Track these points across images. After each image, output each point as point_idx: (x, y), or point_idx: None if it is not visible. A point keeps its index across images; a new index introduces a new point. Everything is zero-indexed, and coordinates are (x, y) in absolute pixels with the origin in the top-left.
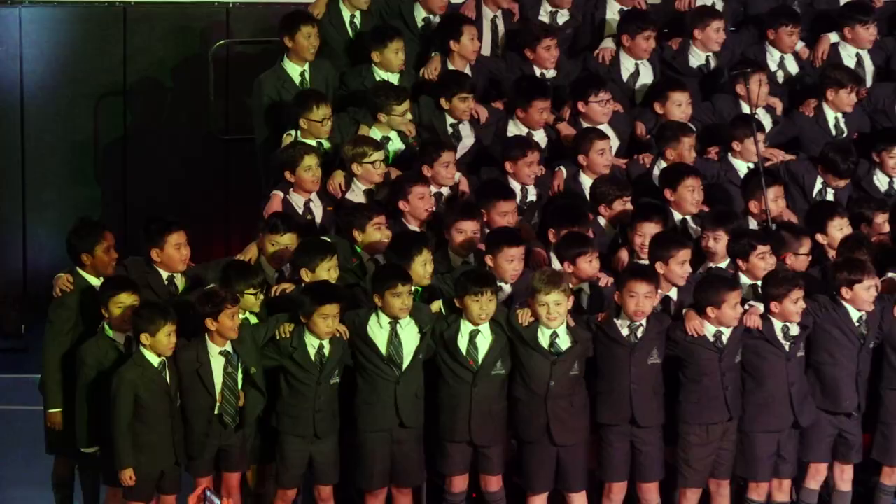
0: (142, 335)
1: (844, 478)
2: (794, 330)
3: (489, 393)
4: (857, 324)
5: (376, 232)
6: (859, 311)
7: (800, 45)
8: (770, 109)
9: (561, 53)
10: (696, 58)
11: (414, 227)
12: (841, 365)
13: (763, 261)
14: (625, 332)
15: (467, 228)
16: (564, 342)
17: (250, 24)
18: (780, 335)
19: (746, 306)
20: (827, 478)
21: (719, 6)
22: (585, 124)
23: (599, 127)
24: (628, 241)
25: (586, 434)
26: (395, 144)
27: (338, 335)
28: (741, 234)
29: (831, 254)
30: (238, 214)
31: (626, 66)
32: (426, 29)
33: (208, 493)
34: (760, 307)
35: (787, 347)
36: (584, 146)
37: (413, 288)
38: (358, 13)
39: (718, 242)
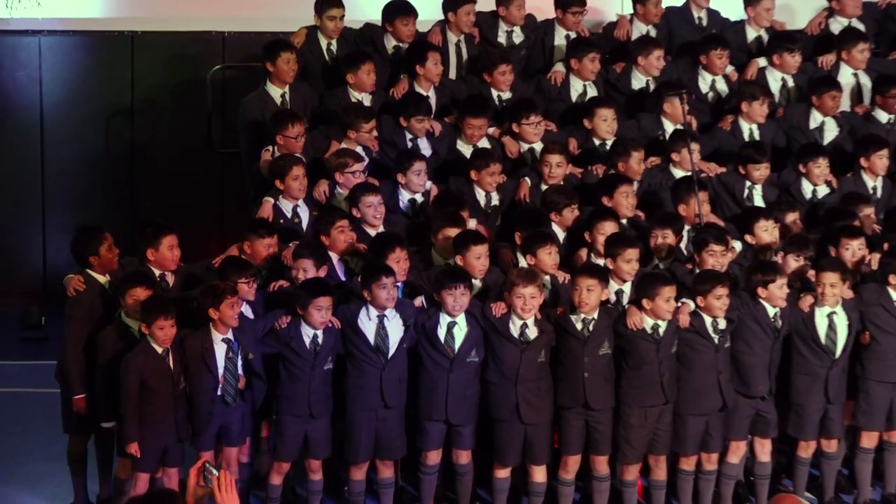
0: (142, 325)
1: (765, 451)
2: (723, 324)
3: (464, 378)
4: (772, 318)
5: (340, 235)
6: (774, 307)
7: (730, 69)
8: (686, 125)
9: (515, 76)
10: (638, 81)
11: (371, 231)
12: (757, 354)
13: (712, 257)
14: (578, 325)
15: (451, 234)
16: (532, 332)
17: (242, 50)
18: (710, 329)
19: (679, 303)
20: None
21: (653, 33)
22: (521, 142)
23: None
24: (586, 241)
25: (550, 414)
26: (364, 159)
27: (330, 325)
28: (703, 230)
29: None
30: (231, 218)
31: (576, 87)
32: (396, 56)
33: (207, 465)
34: (692, 304)
35: (716, 340)
36: (547, 163)
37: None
38: (334, 41)
39: (666, 240)
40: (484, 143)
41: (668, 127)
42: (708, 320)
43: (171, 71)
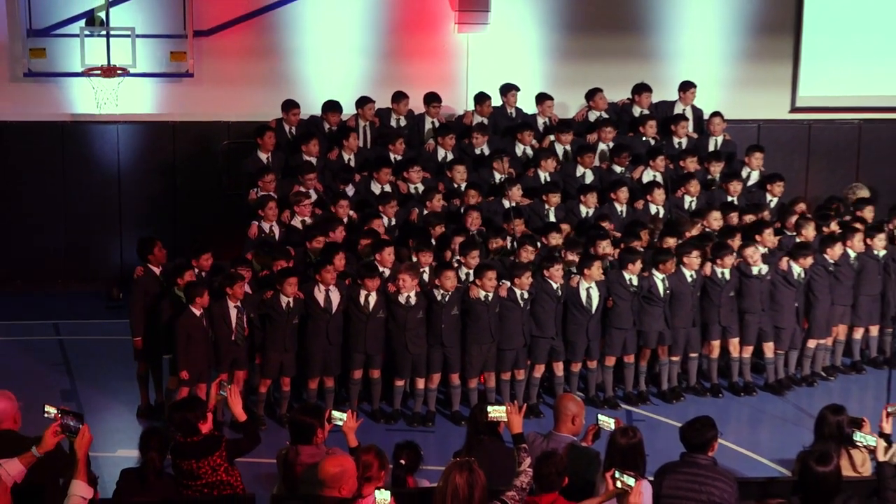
0: (196, 299)
1: (559, 370)
2: (526, 295)
3: (375, 326)
4: (555, 290)
5: (317, 244)
6: (556, 283)
7: (534, 142)
8: (510, 175)
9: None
10: (478, 149)
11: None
12: (547, 313)
13: (525, 252)
14: (439, 297)
15: (368, 241)
16: (413, 300)
17: (240, 132)
18: (519, 298)
19: (501, 283)
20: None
21: (485, 121)
22: (409, 184)
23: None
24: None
25: (426, 348)
26: (312, 197)
27: (298, 296)
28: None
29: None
30: (234, 234)
31: (440, 153)
32: (330, 134)
33: (223, 381)
34: (508, 283)
35: (521, 304)
36: (431, 197)
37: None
38: (293, 127)
39: (497, 244)
40: (387, 187)
41: (497, 176)
42: (518, 292)
43: (197, 145)
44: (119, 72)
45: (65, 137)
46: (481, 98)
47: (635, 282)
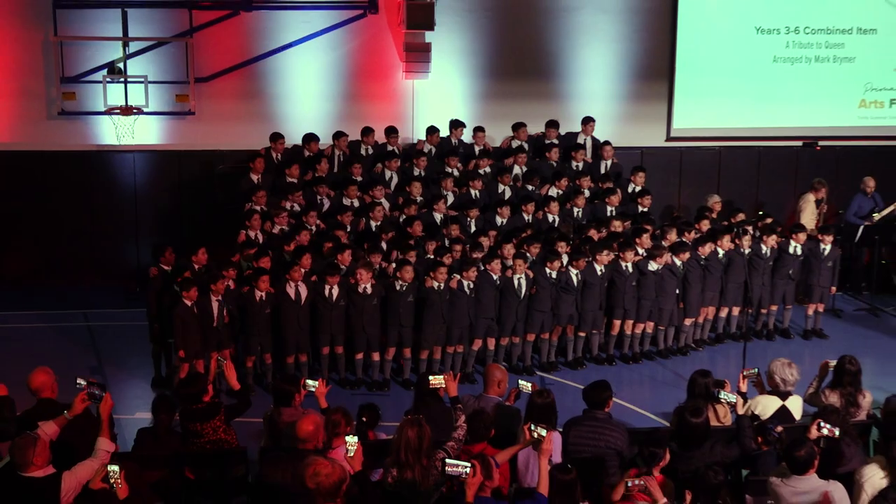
0: (184, 293)
1: (492, 344)
2: (472, 285)
3: (338, 313)
4: (495, 279)
5: (287, 248)
6: (496, 275)
7: (459, 165)
8: (448, 190)
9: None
10: (417, 171)
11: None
12: (488, 299)
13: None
14: (398, 287)
15: (331, 244)
16: (369, 290)
17: (233, 158)
18: (465, 287)
19: (453, 276)
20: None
21: (433, 150)
22: (375, 199)
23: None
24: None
25: (379, 328)
26: (288, 210)
27: (269, 291)
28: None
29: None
30: (227, 239)
31: (387, 174)
32: (308, 158)
33: (219, 357)
34: (458, 276)
35: (468, 292)
36: (373, 209)
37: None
38: (279, 154)
39: (433, 245)
40: (356, 202)
41: (444, 192)
42: (465, 283)
43: (198, 168)
44: (135, 111)
45: (91, 164)
46: (432, 130)
47: (554, 275)
